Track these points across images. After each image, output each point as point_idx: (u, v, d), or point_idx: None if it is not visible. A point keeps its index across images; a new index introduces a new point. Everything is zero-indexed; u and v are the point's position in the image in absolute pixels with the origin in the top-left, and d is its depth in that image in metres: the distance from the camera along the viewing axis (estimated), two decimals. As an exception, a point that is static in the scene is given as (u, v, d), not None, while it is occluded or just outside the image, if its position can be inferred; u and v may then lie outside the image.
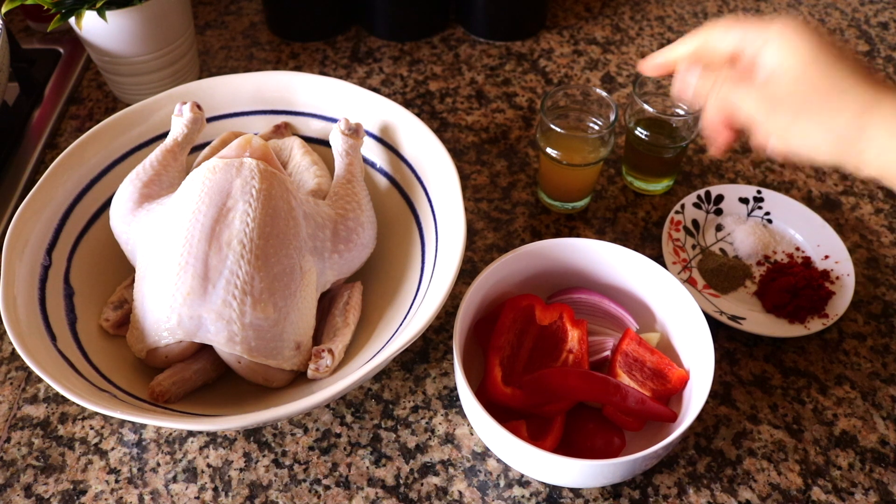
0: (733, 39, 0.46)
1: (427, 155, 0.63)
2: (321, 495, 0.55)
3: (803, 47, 0.42)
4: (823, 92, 0.42)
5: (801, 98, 0.42)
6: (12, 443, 0.58)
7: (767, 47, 0.44)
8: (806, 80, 0.42)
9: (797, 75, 0.42)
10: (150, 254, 0.56)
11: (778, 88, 0.43)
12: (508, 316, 0.58)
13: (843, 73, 0.42)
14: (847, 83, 0.41)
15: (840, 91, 0.41)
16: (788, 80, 0.43)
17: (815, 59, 0.42)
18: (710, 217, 0.71)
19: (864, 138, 0.41)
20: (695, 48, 0.48)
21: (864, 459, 0.56)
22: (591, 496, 0.55)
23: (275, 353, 0.54)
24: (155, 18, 0.76)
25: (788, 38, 0.43)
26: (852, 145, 0.42)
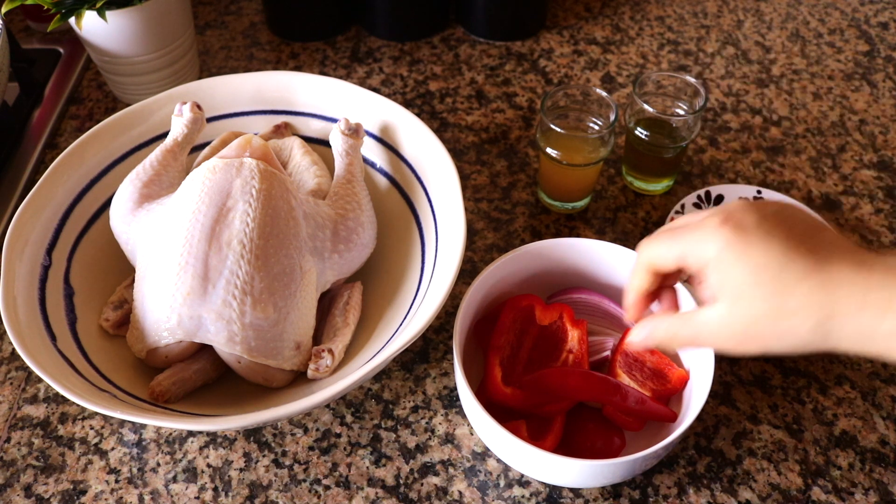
0: (674, 258, 0.44)
1: (427, 155, 0.63)
2: (321, 495, 0.55)
3: (744, 273, 0.41)
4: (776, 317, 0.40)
5: (758, 331, 0.41)
6: (12, 443, 0.58)
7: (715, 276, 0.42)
8: (757, 310, 0.41)
9: (747, 308, 0.41)
10: (150, 254, 0.56)
11: (733, 329, 0.42)
12: (508, 316, 0.58)
13: (789, 287, 0.40)
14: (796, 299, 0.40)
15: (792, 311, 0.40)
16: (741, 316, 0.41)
17: (758, 284, 0.40)
18: (710, 217, 0.71)
19: (830, 341, 0.40)
20: (649, 275, 0.47)
21: (864, 459, 0.56)
22: (591, 496, 0.55)
23: (275, 353, 0.54)
24: (155, 18, 0.76)
25: (729, 264, 0.41)
26: (821, 346, 0.41)
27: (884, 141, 0.80)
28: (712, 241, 0.42)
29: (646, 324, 0.47)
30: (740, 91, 0.86)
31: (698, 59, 0.90)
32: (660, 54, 0.91)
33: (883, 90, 0.86)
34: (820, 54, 0.91)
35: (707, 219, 0.43)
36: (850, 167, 0.78)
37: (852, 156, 0.79)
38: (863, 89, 0.87)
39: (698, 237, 0.43)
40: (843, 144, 0.80)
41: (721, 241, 0.42)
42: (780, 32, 0.95)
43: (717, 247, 0.42)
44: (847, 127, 0.82)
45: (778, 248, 0.41)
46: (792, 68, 0.89)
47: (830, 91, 0.86)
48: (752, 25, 0.95)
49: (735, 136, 0.81)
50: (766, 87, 0.87)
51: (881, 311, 0.38)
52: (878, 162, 0.78)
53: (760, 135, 0.81)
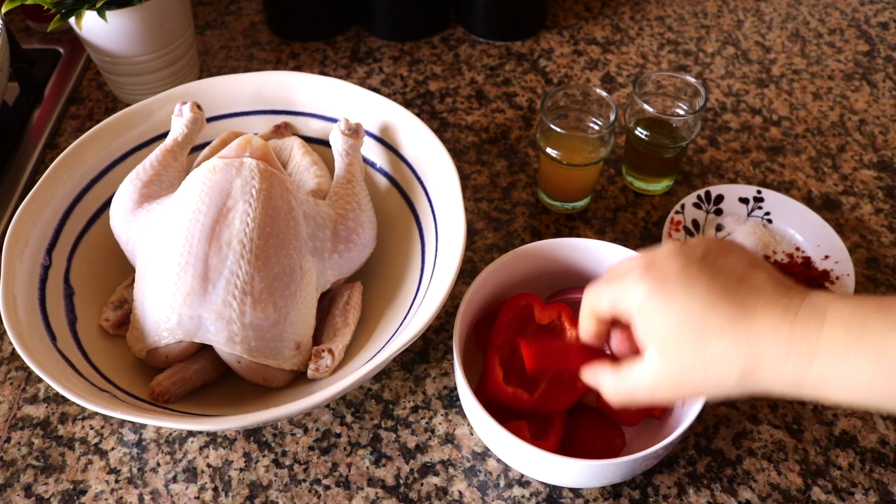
0: (607, 306, 0.45)
1: (427, 155, 0.63)
2: (321, 495, 0.55)
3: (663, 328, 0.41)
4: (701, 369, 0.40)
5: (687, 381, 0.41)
6: (12, 443, 0.58)
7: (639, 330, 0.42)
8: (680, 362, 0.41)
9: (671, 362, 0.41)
10: (150, 254, 0.56)
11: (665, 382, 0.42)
12: (507, 315, 0.58)
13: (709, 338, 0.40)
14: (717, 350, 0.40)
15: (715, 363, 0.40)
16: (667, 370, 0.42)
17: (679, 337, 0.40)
18: (710, 217, 0.71)
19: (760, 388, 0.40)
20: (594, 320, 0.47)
21: (864, 459, 0.56)
22: (591, 496, 0.55)
23: (275, 353, 0.54)
24: (155, 18, 0.76)
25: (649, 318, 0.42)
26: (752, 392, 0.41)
27: (884, 141, 0.80)
28: (635, 291, 0.42)
29: (593, 372, 0.47)
30: (740, 91, 0.86)
31: (698, 59, 0.90)
32: (660, 54, 0.91)
33: (883, 90, 0.86)
34: (820, 54, 0.91)
35: (633, 268, 0.43)
36: (850, 167, 0.78)
37: (852, 156, 0.79)
38: (863, 89, 0.87)
39: (624, 286, 0.43)
40: (843, 144, 0.80)
41: (643, 291, 0.42)
42: (780, 32, 0.95)
43: (639, 297, 0.42)
44: (847, 127, 0.82)
45: (699, 299, 0.40)
46: (792, 68, 0.89)
47: (830, 91, 0.86)
48: (752, 25, 0.95)
49: (735, 136, 0.81)
50: (766, 87, 0.87)
51: (807, 359, 0.38)
52: (878, 162, 0.78)
53: (760, 135, 0.81)
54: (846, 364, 0.37)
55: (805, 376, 0.38)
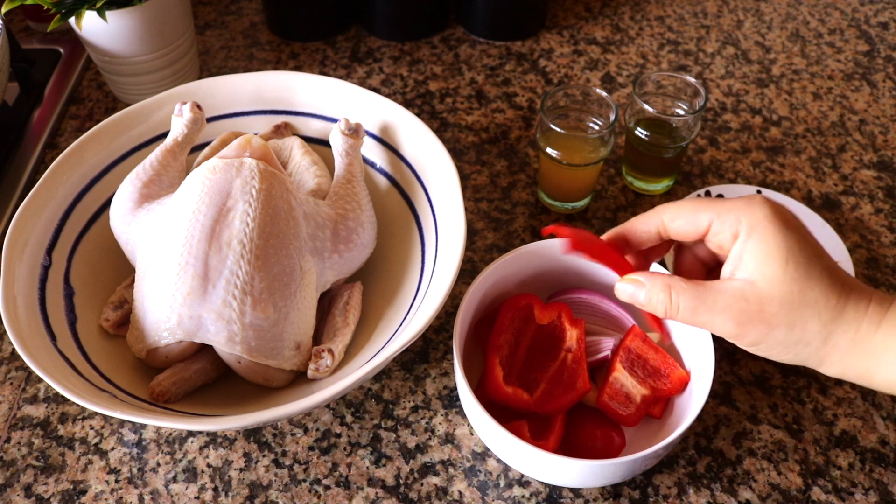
0: (705, 221, 0.44)
1: (427, 155, 0.63)
2: (321, 495, 0.55)
3: (777, 250, 0.41)
4: (795, 306, 0.41)
5: (771, 315, 0.42)
6: (12, 443, 0.58)
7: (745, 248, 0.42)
8: (778, 293, 0.41)
9: (769, 288, 0.41)
10: (150, 254, 0.56)
11: (747, 306, 0.42)
12: (507, 315, 0.58)
13: (812, 281, 0.41)
14: (815, 293, 0.41)
15: (810, 304, 0.41)
16: (763, 292, 0.42)
17: (787, 266, 0.41)
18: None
19: (826, 347, 0.42)
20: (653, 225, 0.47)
21: (864, 459, 0.56)
22: (591, 496, 0.55)
23: (275, 353, 0.54)
24: (155, 18, 0.76)
25: (764, 232, 0.42)
26: (816, 353, 0.42)
27: (884, 141, 0.80)
28: (755, 210, 0.42)
29: (643, 278, 0.46)
30: (740, 91, 0.86)
31: (698, 59, 0.90)
32: (660, 54, 0.91)
33: (883, 90, 0.86)
34: (820, 54, 0.91)
35: (746, 196, 0.44)
36: (850, 167, 0.78)
37: (852, 156, 0.79)
38: (863, 89, 0.87)
39: (737, 205, 0.43)
40: (843, 144, 0.80)
41: (764, 212, 0.42)
42: (780, 32, 0.95)
43: (757, 217, 0.42)
44: (847, 127, 0.82)
45: (810, 244, 0.42)
46: (792, 68, 0.89)
47: (830, 91, 0.86)
48: (752, 25, 0.95)
49: (735, 136, 0.81)
50: (766, 87, 0.87)
51: (877, 321, 0.41)
52: (878, 162, 0.78)
53: (760, 135, 0.81)
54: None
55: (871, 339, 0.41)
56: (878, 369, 0.42)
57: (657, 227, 0.47)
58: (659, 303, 0.45)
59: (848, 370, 0.43)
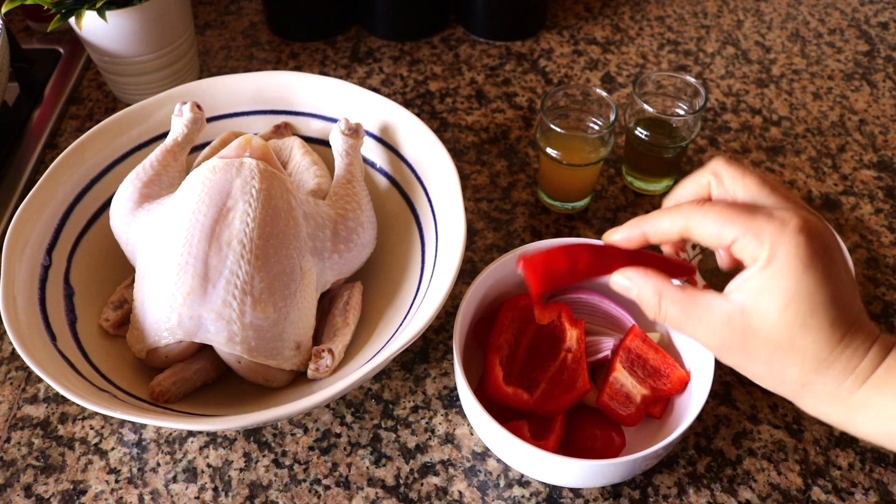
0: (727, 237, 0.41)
1: (427, 155, 0.63)
2: (321, 495, 0.55)
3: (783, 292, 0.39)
4: (779, 349, 0.40)
5: (753, 350, 0.41)
6: (12, 443, 0.58)
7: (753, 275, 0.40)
8: (765, 332, 0.40)
9: (758, 324, 0.40)
10: (150, 254, 0.56)
11: (731, 334, 0.41)
12: (507, 315, 0.58)
13: (806, 330, 0.39)
14: (805, 342, 0.40)
15: (796, 351, 0.40)
16: (751, 325, 0.40)
17: (785, 310, 0.39)
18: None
19: (804, 391, 0.41)
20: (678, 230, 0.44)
21: (864, 459, 0.56)
22: (591, 496, 0.55)
23: (275, 353, 0.54)
24: (155, 18, 0.76)
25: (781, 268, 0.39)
26: (792, 392, 0.42)
27: (884, 141, 0.80)
28: (784, 242, 0.39)
29: (636, 277, 0.45)
30: (740, 91, 0.86)
31: (698, 59, 0.91)
32: (660, 54, 0.91)
33: (883, 90, 0.86)
34: (820, 54, 0.91)
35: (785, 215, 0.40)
36: (850, 167, 0.78)
37: (852, 156, 0.79)
38: (863, 89, 0.87)
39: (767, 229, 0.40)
40: (843, 144, 0.80)
41: (792, 248, 0.39)
42: (780, 32, 0.95)
43: (782, 251, 0.39)
44: (847, 127, 0.82)
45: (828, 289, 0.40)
46: (792, 68, 0.89)
47: (830, 91, 0.86)
48: (752, 25, 0.95)
49: (735, 136, 0.81)
50: (766, 87, 0.87)
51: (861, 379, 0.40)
52: (878, 162, 0.78)
53: (760, 135, 0.81)
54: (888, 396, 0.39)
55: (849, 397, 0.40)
56: (855, 423, 0.41)
57: (680, 231, 0.44)
58: (648, 306, 0.44)
59: (823, 416, 0.42)
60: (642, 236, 0.46)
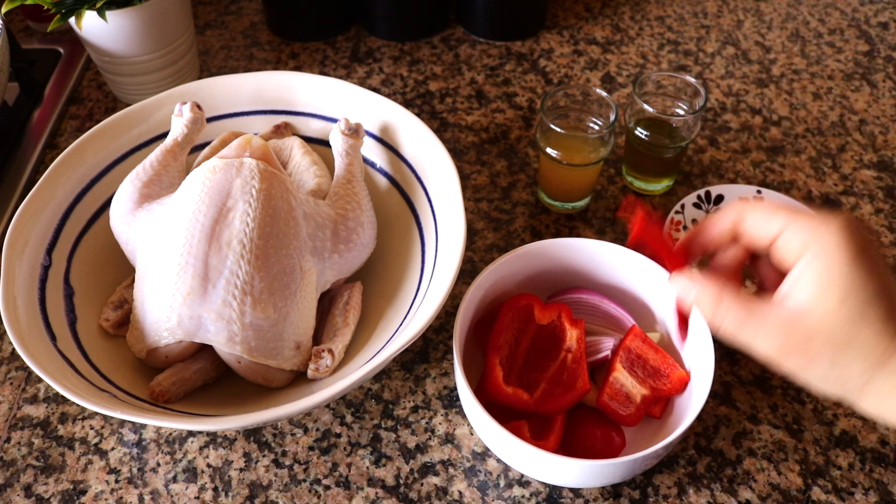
0: (774, 229, 0.43)
1: (427, 155, 0.63)
2: (321, 495, 0.55)
3: (838, 285, 0.40)
4: (841, 346, 0.40)
5: (815, 351, 0.41)
6: (12, 443, 0.58)
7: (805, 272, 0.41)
8: (827, 330, 0.40)
9: (819, 323, 0.40)
10: (150, 254, 0.56)
11: (792, 337, 0.41)
12: (507, 315, 0.58)
13: (865, 322, 0.40)
14: (864, 335, 0.40)
15: (857, 346, 0.40)
16: (812, 324, 0.40)
17: (843, 304, 0.40)
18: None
19: (866, 388, 0.41)
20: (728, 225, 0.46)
21: (864, 459, 0.56)
22: (591, 496, 0.55)
23: (275, 353, 0.54)
24: (155, 18, 0.76)
25: (829, 260, 0.40)
26: (854, 391, 0.41)
27: (884, 141, 0.80)
28: (829, 234, 0.41)
29: (697, 282, 0.45)
30: (740, 91, 0.86)
31: (698, 59, 0.91)
32: (660, 54, 0.91)
33: (883, 90, 0.86)
34: (820, 54, 0.91)
35: (827, 214, 0.42)
36: (850, 167, 0.78)
37: (852, 156, 0.79)
38: (863, 89, 0.87)
39: (814, 222, 0.41)
40: (843, 144, 0.80)
41: (837, 239, 0.40)
42: (780, 32, 0.95)
43: (828, 242, 0.40)
44: (847, 127, 0.82)
45: (877, 279, 0.40)
46: (792, 68, 0.89)
47: (830, 91, 0.86)
48: (752, 25, 0.95)
49: (735, 136, 0.81)
50: (766, 87, 0.87)
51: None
52: (878, 162, 0.78)
53: (760, 135, 0.81)
54: None
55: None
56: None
57: (733, 222, 0.46)
58: (706, 311, 0.45)
59: (884, 414, 0.42)
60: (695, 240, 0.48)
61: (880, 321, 0.40)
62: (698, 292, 0.45)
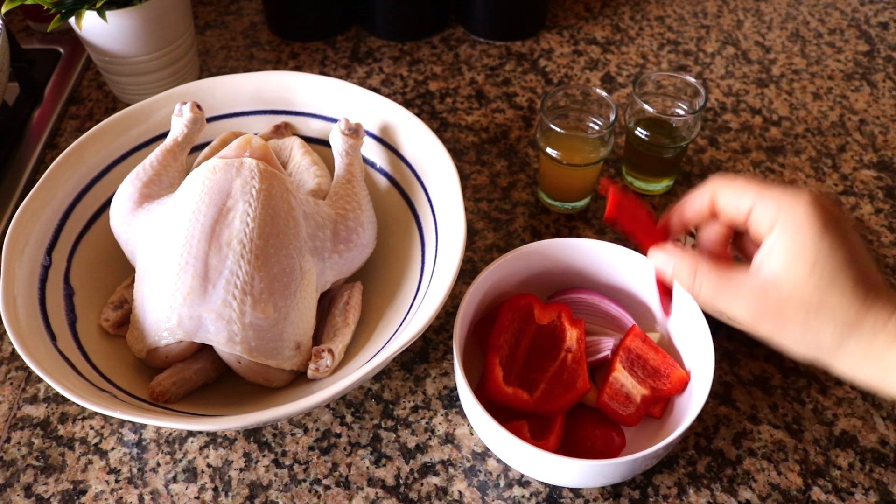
0: (748, 203, 0.44)
1: (427, 155, 0.63)
2: (321, 495, 0.55)
3: (807, 253, 0.42)
4: (812, 311, 0.42)
5: (788, 316, 0.42)
6: (12, 443, 0.58)
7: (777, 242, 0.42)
8: (798, 296, 0.42)
9: (790, 290, 0.42)
10: (150, 254, 0.56)
11: (766, 303, 0.43)
12: (507, 315, 0.58)
13: (833, 289, 0.41)
14: (834, 302, 0.41)
15: (827, 311, 0.41)
16: (783, 292, 0.42)
17: (812, 271, 0.41)
18: (710, 217, 0.71)
19: (839, 351, 0.42)
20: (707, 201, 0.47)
21: (864, 459, 0.56)
22: (591, 496, 0.55)
23: (275, 353, 0.54)
24: (155, 18, 0.76)
25: (799, 231, 0.42)
26: (828, 354, 0.43)
27: (884, 141, 0.80)
28: (797, 206, 0.42)
29: (674, 254, 0.47)
30: (740, 91, 0.86)
31: (698, 59, 0.91)
32: (660, 54, 0.91)
33: (883, 90, 0.86)
34: (820, 54, 0.91)
35: (796, 188, 0.44)
36: (850, 167, 0.78)
37: (852, 156, 0.79)
38: (863, 89, 0.87)
39: (784, 195, 0.43)
40: (843, 144, 0.80)
41: (806, 210, 0.42)
42: (780, 32, 0.95)
43: (797, 212, 0.42)
44: (847, 127, 0.82)
45: (846, 248, 0.42)
46: (792, 68, 0.89)
47: (830, 91, 0.86)
48: (752, 25, 0.95)
49: (735, 136, 0.81)
50: (766, 87, 0.87)
51: (894, 337, 0.41)
52: (878, 162, 0.78)
53: (760, 135, 0.81)
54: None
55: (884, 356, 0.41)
56: (890, 382, 0.42)
57: (710, 199, 0.47)
58: (683, 281, 0.46)
59: (858, 376, 0.43)
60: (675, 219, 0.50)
61: (850, 287, 0.41)
62: (676, 263, 0.47)
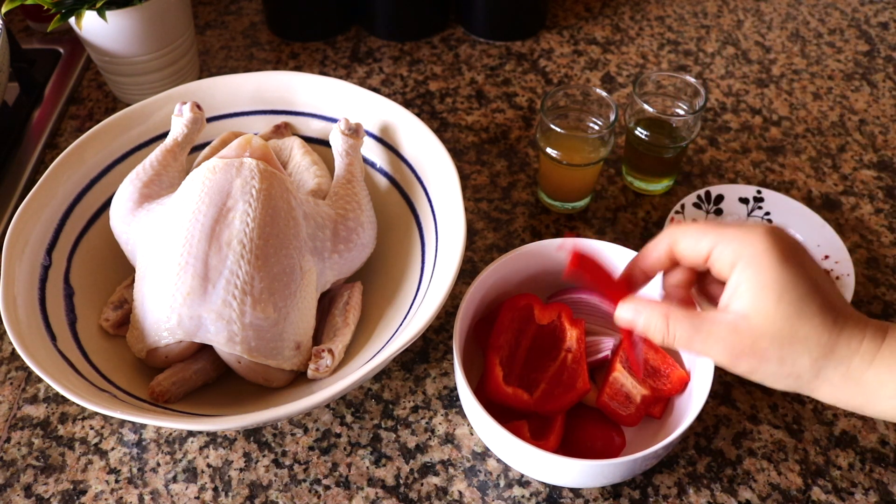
0: (706, 247, 0.45)
1: (427, 155, 0.64)
2: (321, 495, 0.55)
3: (771, 285, 0.42)
4: (785, 343, 0.42)
5: (763, 349, 0.42)
6: (12, 443, 0.58)
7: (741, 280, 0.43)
8: (769, 329, 0.42)
9: (761, 323, 0.42)
10: (150, 254, 0.56)
11: (740, 339, 0.43)
12: (507, 315, 0.58)
13: (803, 318, 0.42)
14: (806, 330, 0.42)
15: (800, 340, 0.42)
16: (755, 325, 0.42)
17: (780, 302, 0.42)
18: (710, 217, 0.71)
19: (818, 380, 0.43)
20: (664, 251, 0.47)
21: (864, 459, 0.56)
22: (591, 496, 0.55)
23: (275, 353, 0.54)
24: (155, 18, 0.76)
25: (760, 265, 0.42)
26: (808, 384, 0.43)
27: (884, 141, 0.80)
28: (756, 241, 0.43)
29: (643, 305, 0.47)
30: (740, 91, 0.86)
31: (698, 59, 0.90)
32: (660, 54, 0.91)
33: (883, 90, 0.86)
34: (820, 54, 0.91)
35: (750, 225, 0.44)
36: (850, 167, 0.78)
37: (852, 156, 0.79)
38: (863, 89, 0.87)
39: (740, 233, 0.43)
40: (843, 144, 0.80)
41: (764, 244, 0.42)
42: (780, 32, 0.95)
43: (756, 248, 0.42)
44: (847, 127, 0.82)
45: (808, 278, 0.42)
46: (792, 68, 0.89)
47: (830, 91, 0.86)
48: (752, 25, 0.95)
49: (735, 136, 0.81)
50: (766, 87, 0.87)
51: (868, 359, 0.41)
52: (878, 162, 0.78)
53: (760, 135, 0.81)
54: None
55: (862, 377, 0.42)
56: (872, 403, 0.42)
57: (668, 248, 0.47)
58: (657, 331, 0.46)
59: (841, 400, 0.43)
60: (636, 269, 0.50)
61: (818, 314, 0.42)
62: (647, 314, 0.46)
